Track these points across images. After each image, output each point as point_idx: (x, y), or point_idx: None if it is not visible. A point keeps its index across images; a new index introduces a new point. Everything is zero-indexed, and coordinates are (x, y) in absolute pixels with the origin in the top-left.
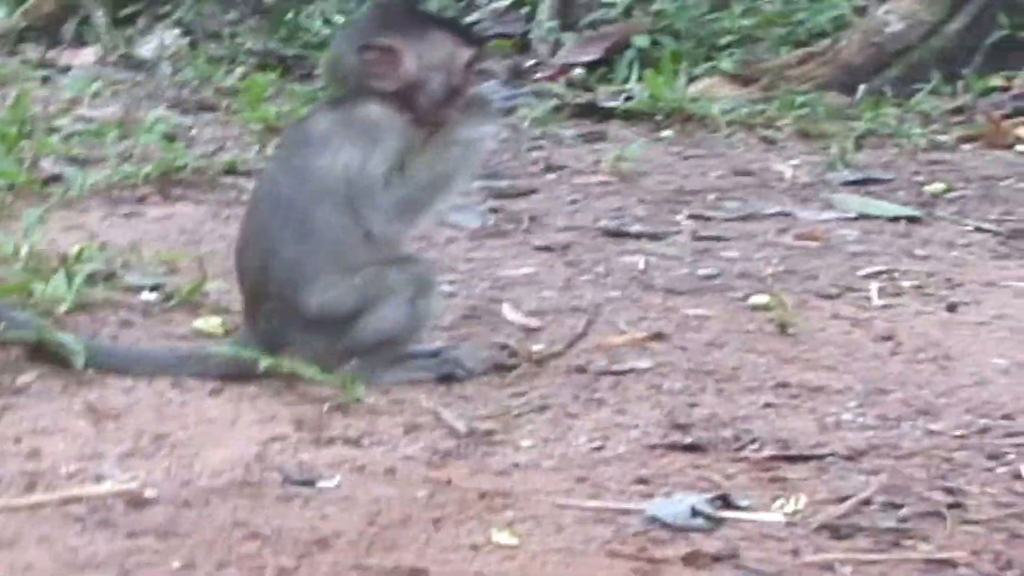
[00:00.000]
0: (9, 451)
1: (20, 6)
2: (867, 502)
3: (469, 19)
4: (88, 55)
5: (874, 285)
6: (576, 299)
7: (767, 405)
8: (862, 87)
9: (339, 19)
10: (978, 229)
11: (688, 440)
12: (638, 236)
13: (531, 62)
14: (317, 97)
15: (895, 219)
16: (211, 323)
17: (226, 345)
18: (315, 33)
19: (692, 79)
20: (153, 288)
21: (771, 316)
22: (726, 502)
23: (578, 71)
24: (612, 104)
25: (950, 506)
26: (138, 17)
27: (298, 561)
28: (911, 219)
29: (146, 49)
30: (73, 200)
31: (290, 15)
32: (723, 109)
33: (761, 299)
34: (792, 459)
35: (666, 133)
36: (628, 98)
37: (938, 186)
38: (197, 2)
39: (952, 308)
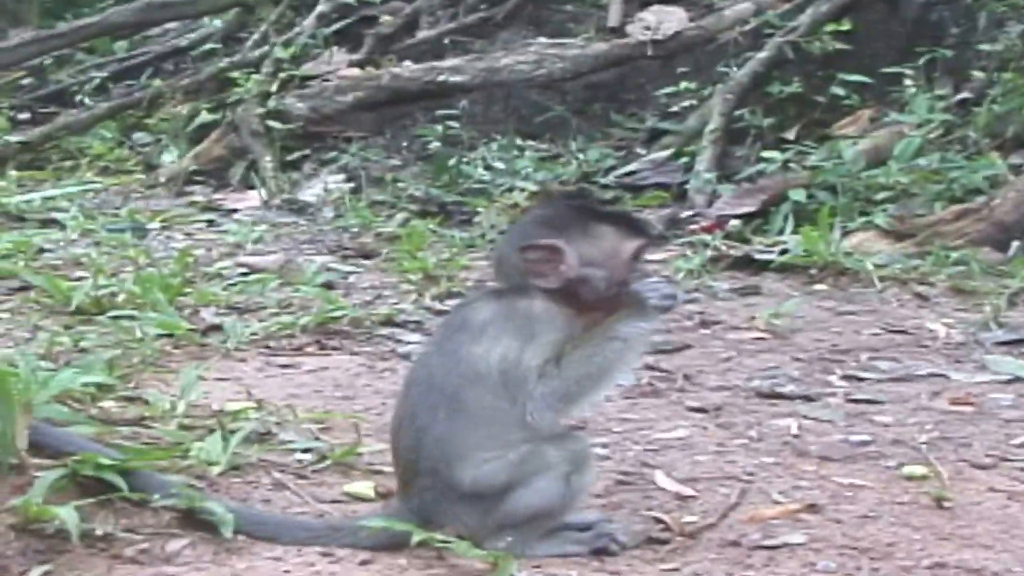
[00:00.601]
0: None
1: (191, 150)
2: None
3: (628, 169)
4: (253, 199)
5: None
6: (729, 465)
7: None
8: (1015, 244)
9: (500, 165)
10: None
11: None
12: (791, 398)
13: (688, 212)
14: (475, 244)
15: None
16: (363, 487)
17: (378, 516)
18: (476, 179)
19: (846, 233)
20: (306, 450)
21: (926, 488)
22: None
23: (734, 223)
24: (767, 257)
25: None
26: (304, 162)
27: None
28: None
29: (309, 193)
30: (231, 350)
31: (452, 161)
32: (877, 264)
33: (916, 469)
34: None
35: (819, 287)
36: (783, 251)
37: None
38: (362, 148)
39: None
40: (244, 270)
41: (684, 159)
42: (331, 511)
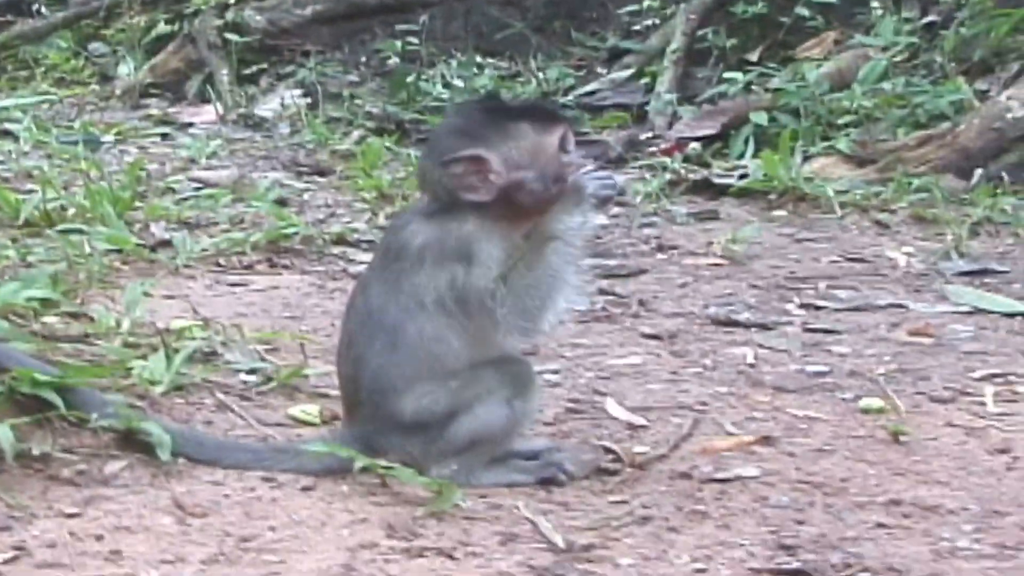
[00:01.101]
0: (90, 550)
1: (147, 62)
2: None
3: (588, 88)
4: (209, 113)
5: (989, 389)
6: (682, 394)
7: (878, 525)
8: (979, 172)
9: (459, 83)
10: None
11: (795, 564)
12: (747, 326)
13: (647, 134)
14: None
15: (1011, 315)
16: (308, 411)
17: (321, 440)
18: (435, 97)
19: (807, 158)
20: (251, 371)
21: (882, 422)
22: None
23: (693, 146)
24: (726, 181)
25: None
26: (261, 76)
27: None
28: None
29: (266, 109)
30: (180, 267)
31: (410, 78)
32: (837, 190)
33: (872, 402)
34: None
35: (779, 213)
36: (743, 176)
37: None
38: (319, 63)
39: None
40: (197, 185)
41: (645, 79)
42: (275, 434)
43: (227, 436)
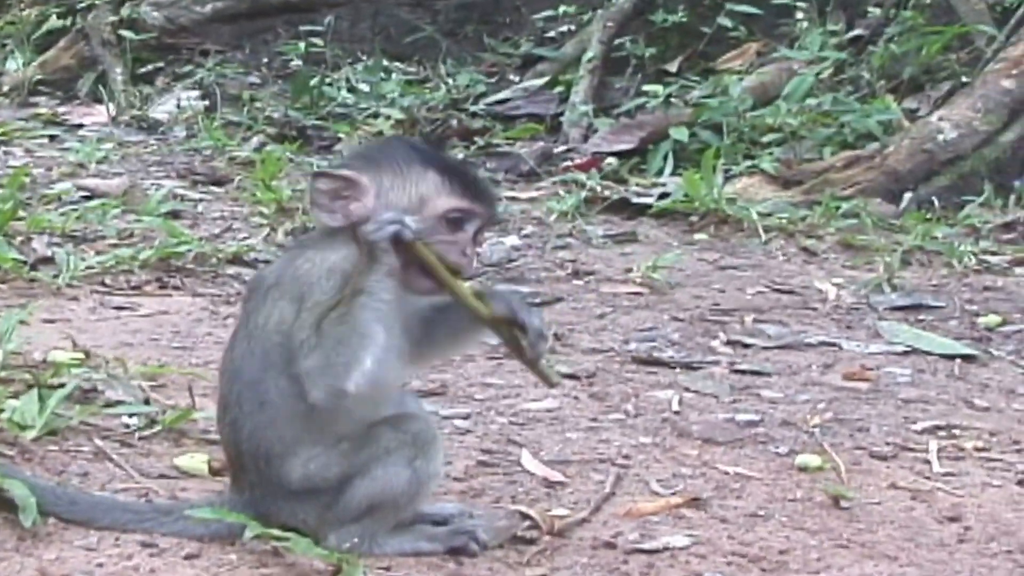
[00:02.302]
0: None
1: (37, 57)
2: None
3: (500, 96)
4: (101, 114)
5: (933, 444)
6: (603, 444)
7: None
8: (908, 196)
9: (365, 88)
10: None
11: None
12: (671, 365)
13: (562, 147)
14: None
15: (949, 357)
16: (196, 460)
17: (207, 503)
18: (339, 102)
19: (730, 177)
20: (134, 413)
21: (821, 483)
22: None
23: (610, 160)
24: (645, 200)
25: None
26: (157, 76)
27: None
28: (966, 357)
29: (161, 111)
30: (62, 287)
31: (314, 81)
32: (761, 213)
33: (810, 460)
34: None
35: (700, 236)
36: (663, 195)
37: (993, 318)
38: (218, 64)
39: (1022, 483)
40: (85, 193)
41: (559, 88)
42: (157, 488)
43: (104, 489)
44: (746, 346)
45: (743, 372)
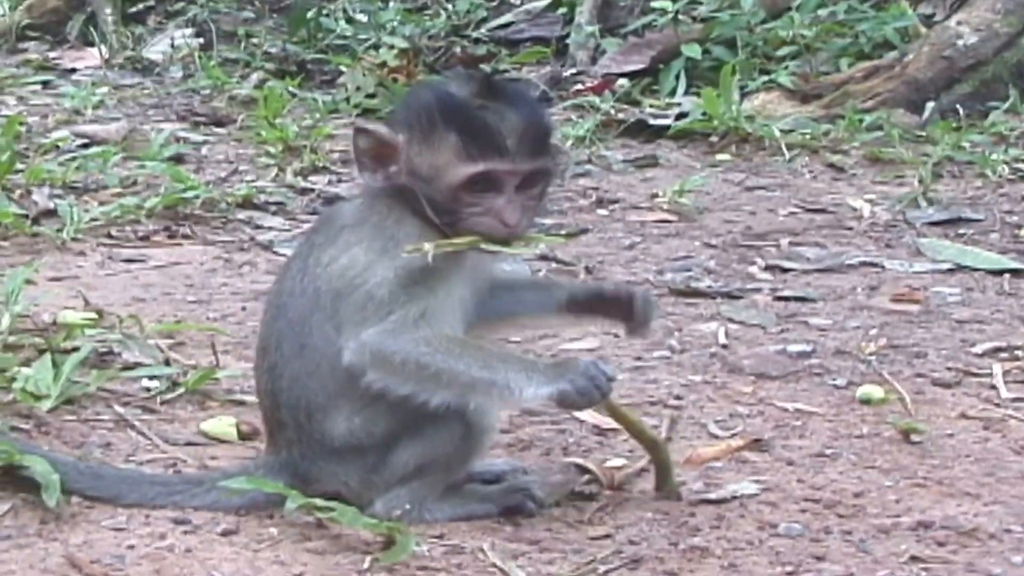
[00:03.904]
0: None
1: (23, 2)
2: None
3: (502, 21)
4: (93, 57)
5: (996, 368)
6: (651, 385)
7: (912, 559)
8: (931, 105)
9: (363, 18)
10: None
11: None
12: (711, 295)
13: (570, 71)
14: (340, 109)
15: (997, 272)
16: (223, 424)
17: (242, 470)
18: (338, 35)
19: (746, 94)
20: (152, 378)
21: (888, 418)
22: None
23: (621, 82)
24: (662, 122)
25: None
26: (148, 15)
27: None
28: (1015, 271)
29: (155, 51)
30: (67, 241)
31: (311, 13)
32: (783, 130)
33: (872, 391)
34: None
35: (722, 157)
36: (680, 115)
37: None
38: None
39: None
40: (83, 141)
41: (563, 10)
42: (185, 457)
43: (129, 461)
44: (785, 271)
45: (787, 299)
